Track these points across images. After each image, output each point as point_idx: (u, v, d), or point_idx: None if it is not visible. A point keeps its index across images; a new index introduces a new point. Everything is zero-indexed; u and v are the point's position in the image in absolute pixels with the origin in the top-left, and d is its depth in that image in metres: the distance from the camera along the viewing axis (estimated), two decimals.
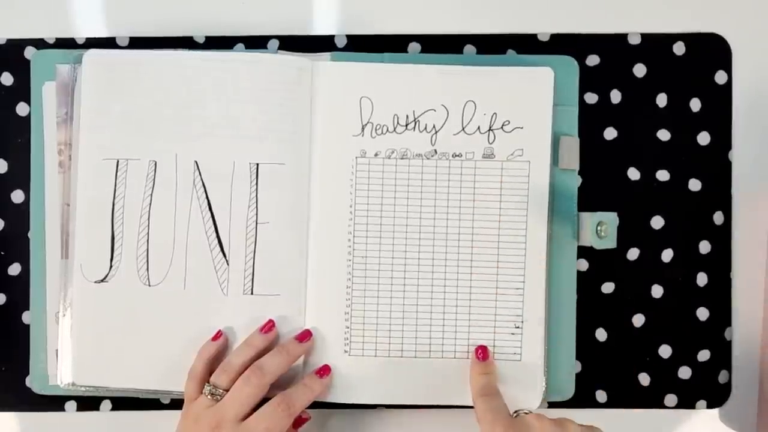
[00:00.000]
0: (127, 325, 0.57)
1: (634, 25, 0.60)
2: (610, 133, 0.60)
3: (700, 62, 0.60)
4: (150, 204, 0.57)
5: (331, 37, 0.59)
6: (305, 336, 0.56)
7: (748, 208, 0.60)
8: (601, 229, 0.56)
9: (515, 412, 0.53)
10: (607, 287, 0.60)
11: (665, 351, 0.60)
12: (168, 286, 0.57)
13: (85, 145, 0.57)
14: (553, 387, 0.58)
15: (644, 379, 0.60)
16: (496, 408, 0.52)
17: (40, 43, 0.59)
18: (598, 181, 0.59)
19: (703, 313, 0.60)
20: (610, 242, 0.57)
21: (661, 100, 0.60)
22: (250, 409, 0.52)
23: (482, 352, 0.56)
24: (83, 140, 0.57)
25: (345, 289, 0.57)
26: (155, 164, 0.57)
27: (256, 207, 0.57)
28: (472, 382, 0.56)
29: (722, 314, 0.60)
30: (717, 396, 0.60)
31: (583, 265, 0.59)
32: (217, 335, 0.56)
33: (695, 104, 0.60)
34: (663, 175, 0.60)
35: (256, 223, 0.57)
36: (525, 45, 0.59)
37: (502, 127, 0.57)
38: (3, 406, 0.59)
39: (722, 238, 0.60)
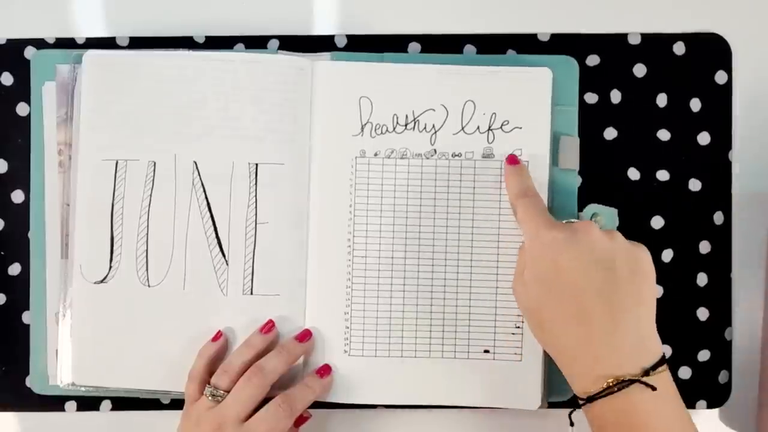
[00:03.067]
0: (126, 326, 0.57)
1: (634, 25, 0.60)
2: (610, 133, 0.60)
3: (700, 62, 0.60)
4: (149, 204, 0.57)
5: (331, 37, 0.59)
6: (305, 336, 0.56)
7: (748, 208, 0.60)
8: (596, 221, 0.56)
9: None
10: None
11: (665, 351, 0.59)
12: (167, 287, 0.57)
13: (85, 146, 0.57)
14: (553, 387, 0.58)
15: None
16: (539, 209, 0.52)
17: (40, 43, 0.59)
18: (598, 181, 0.59)
19: (703, 313, 0.60)
20: None
21: (661, 100, 0.60)
22: (251, 409, 0.52)
23: (512, 158, 0.56)
24: (83, 140, 0.57)
25: (345, 289, 0.57)
26: (154, 165, 0.57)
27: (256, 207, 0.57)
28: (508, 186, 0.55)
29: (722, 314, 0.60)
30: (717, 396, 0.60)
31: None
32: (217, 336, 0.56)
33: (695, 104, 0.60)
34: (663, 175, 0.60)
35: (256, 223, 0.57)
36: (525, 45, 0.59)
37: (501, 127, 0.57)
38: (3, 406, 0.59)
39: (722, 238, 0.60)
